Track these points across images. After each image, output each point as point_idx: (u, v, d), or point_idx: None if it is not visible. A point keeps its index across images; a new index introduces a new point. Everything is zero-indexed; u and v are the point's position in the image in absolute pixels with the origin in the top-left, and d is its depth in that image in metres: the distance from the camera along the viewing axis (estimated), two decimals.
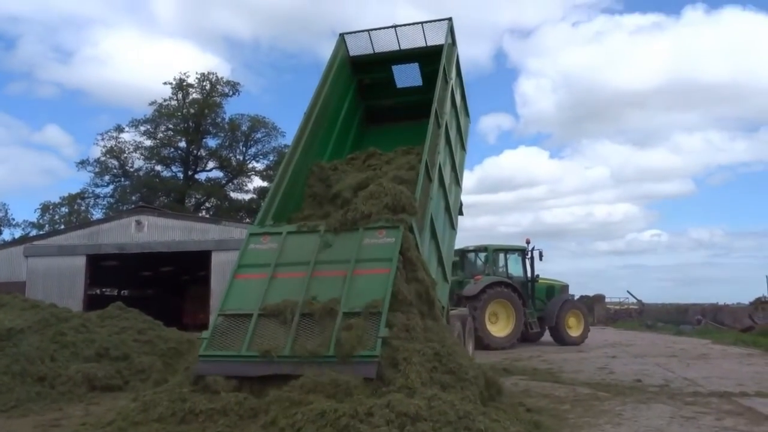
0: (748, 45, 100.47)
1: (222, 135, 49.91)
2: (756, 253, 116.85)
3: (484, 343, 16.84)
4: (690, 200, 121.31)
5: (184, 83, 47.04)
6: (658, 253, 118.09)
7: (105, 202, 48.94)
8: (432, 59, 11.30)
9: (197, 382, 6.76)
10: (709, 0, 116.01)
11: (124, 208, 42.67)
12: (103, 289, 35.56)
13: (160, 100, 46.96)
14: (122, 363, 9.97)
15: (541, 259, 20.01)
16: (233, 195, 51.76)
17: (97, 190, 48.76)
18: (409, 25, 12.05)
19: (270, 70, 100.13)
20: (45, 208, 48.69)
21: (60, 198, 49.01)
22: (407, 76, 12.54)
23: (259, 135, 49.92)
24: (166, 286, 36.03)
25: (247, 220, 44.47)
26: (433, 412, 5.47)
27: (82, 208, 49.11)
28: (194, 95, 47.89)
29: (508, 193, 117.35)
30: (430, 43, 11.84)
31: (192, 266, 30.09)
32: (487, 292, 17.73)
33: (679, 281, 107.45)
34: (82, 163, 47.86)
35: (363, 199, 8.10)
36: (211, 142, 50.44)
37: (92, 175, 47.92)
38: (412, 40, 12.12)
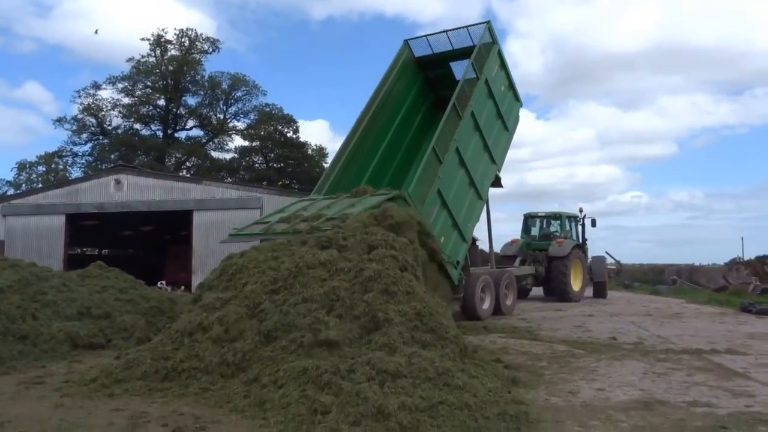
0: (735, 9, 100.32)
1: (202, 93, 48.80)
2: (734, 215, 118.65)
3: (568, 296, 19.63)
4: (672, 162, 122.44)
5: (162, 39, 45.85)
6: (638, 214, 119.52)
7: (83, 161, 48.15)
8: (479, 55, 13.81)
9: (180, 340, 6.84)
10: None
11: (103, 166, 42.02)
12: (84, 249, 35.24)
13: (138, 57, 45.88)
14: (104, 322, 9.93)
15: (594, 226, 22.48)
16: (214, 154, 51.10)
17: (75, 149, 47.92)
18: (456, 29, 15.35)
19: (256, 28, 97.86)
20: (21, 166, 47.94)
21: (37, 156, 48.15)
22: (463, 70, 14.40)
23: (239, 93, 48.94)
24: (147, 245, 35.80)
25: (229, 179, 44.06)
26: (413, 369, 5.60)
27: (60, 166, 48.33)
28: (173, 52, 46.74)
29: None
30: (475, 43, 14.44)
31: (173, 226, 29.88)
32: (573, 253, 20.04)
33: (658, 242, 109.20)
34: (60, 121, 46.76)
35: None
36: (191, 101, 49.39)
37: (70, 133, 47.03)
38: (462, 40, 15.21)
